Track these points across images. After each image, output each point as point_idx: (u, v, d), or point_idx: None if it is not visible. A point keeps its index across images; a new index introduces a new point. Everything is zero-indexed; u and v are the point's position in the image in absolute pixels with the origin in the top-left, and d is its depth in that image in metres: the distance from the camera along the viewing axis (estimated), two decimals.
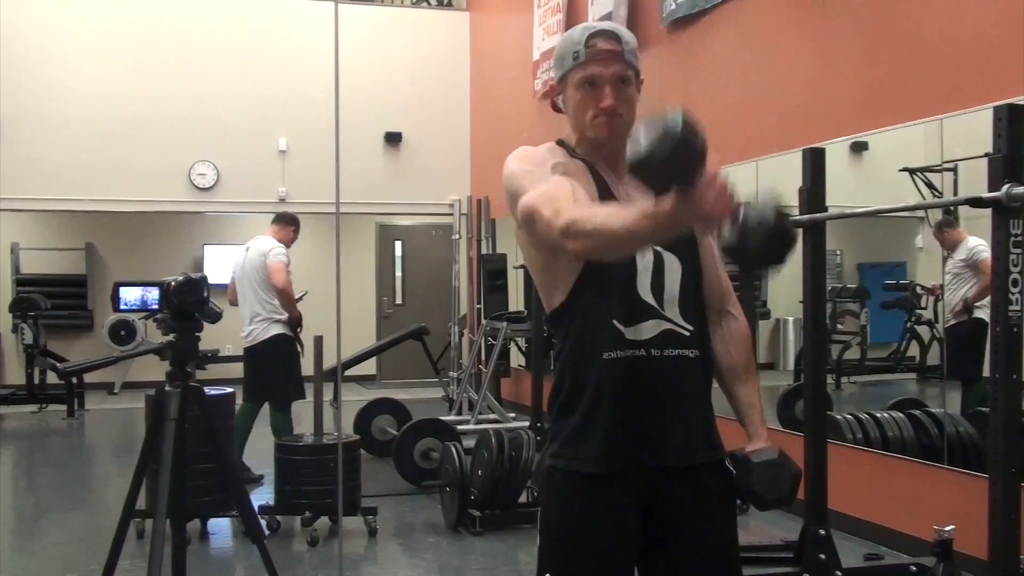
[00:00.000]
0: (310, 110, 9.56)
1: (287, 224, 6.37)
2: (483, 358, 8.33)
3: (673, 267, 1.86)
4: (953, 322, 4.99)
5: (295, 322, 6.11)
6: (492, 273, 8.45)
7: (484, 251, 9.45)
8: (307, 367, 5.48)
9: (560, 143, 1.96)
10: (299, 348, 6.21)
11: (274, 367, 6.07)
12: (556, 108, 2.00)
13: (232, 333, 5.98)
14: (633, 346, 1.82)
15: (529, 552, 4.75)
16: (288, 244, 6.28)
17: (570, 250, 1.69)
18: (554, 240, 1.70)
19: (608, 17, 7.27)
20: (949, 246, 4.97)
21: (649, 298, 1.84)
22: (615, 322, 1.82)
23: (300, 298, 6.38)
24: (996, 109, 2.97)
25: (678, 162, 1.45)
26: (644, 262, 1.84)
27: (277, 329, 6.05)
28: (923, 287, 5.25)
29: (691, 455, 1.85)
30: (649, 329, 1.83)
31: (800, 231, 3.72)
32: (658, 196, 1.49)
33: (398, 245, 12.80)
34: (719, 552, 1.89)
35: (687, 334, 1.85)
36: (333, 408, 6.20)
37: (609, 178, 1.91)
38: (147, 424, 3.19)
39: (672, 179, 1.47)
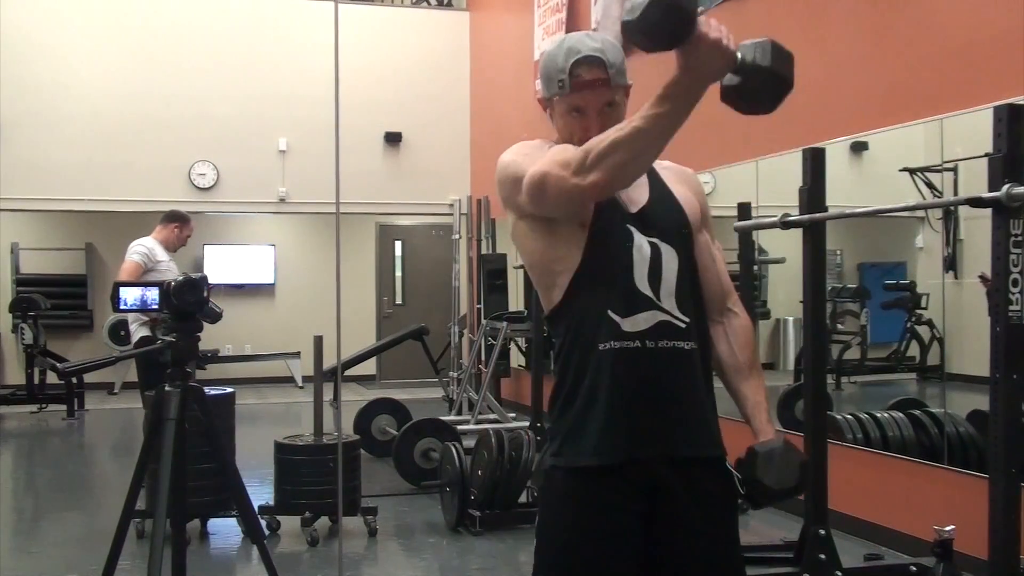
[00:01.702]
0: (310, 110, 9.57)
1: (169, 222, 6.02)
2: (483, 358, 8.32)
3: (670, 259, 1.84)
4: None
5: (155, 322, 5.55)
6: (492, 273, 8.45)
7: (484, 251, 9.45)
8: (307, 367, 5.46)
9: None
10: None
11: (147, 369, 5.70)
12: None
13: (232, 333, 5.97)
14: (628, 337, 1.80)
15: (529, 552, 4.74)
16: (174, 243, 6.00)
17: (594, 184, 1.68)
18: (571, 188, 1.71)
19: (620, 16, 7.27)
20: None
21: (646, 289, 1.82)
22: (611, 312, 1.81)
23: None
24: (996, 109, 2.98)
25: (672, 20, 1.52)
26: (641, 254, 1.82)
27: (144, 331, 5.82)
28: (984, 277, 5.14)
29: (689, 447, 1.82)
30: (644, 320, 1.81)
31: (802, 231, 3.73)
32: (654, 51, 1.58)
33: (398, 245, 12.81)
34: (722, 557, 1.87)
35: (683, 326, 1.82)
36: (333, 408, 6.20)
37: None
38: (147, 424, 3.18)
39: (670, 38, 1.54)
